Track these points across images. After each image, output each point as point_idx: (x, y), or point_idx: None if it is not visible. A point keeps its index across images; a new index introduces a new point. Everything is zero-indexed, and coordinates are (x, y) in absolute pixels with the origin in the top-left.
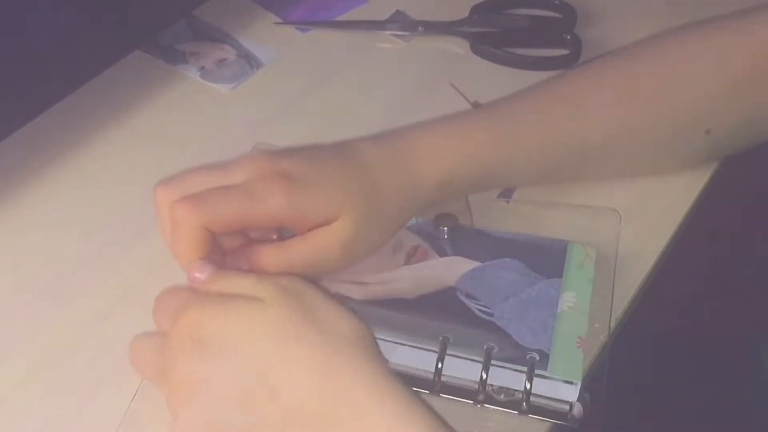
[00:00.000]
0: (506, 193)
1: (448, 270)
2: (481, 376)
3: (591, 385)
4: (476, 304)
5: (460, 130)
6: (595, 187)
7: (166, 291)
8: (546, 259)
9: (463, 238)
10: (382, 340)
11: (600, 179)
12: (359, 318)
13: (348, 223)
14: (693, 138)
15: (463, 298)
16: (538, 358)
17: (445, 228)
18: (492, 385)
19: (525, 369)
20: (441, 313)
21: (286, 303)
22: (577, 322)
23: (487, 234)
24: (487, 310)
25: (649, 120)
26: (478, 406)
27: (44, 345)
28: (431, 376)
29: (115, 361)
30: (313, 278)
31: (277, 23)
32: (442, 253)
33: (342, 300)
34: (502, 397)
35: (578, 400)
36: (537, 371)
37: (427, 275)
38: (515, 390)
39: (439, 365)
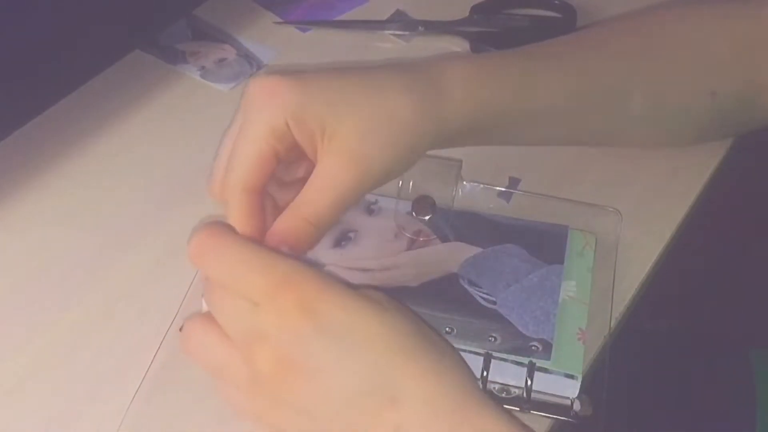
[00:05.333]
0: (506, 195)
1: (450, 256)
2: (482, 373)
3: (591, 385)
4: (479, 291)
5: (489, 57)
6: (595, 187)
7: (246, 248)
8: (546, 244)
9: (464, 224)
10: None
11: (624, 142)
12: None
13: (349, 135)
14: (700, 99)
15: (465, 285)
16: (540, 348)
17: (427, 217)
18: (494, 384)
19: (527, 360)
20: (444, 302)
21: (400, 311)
22: (578, 312)
23: (487, 219)
24: (489, 297)
25: (660, 75)
26: None
27: (44, 345)
28: None
29: (115, 361)
30: (313, 262)
31: (277, 23)
32: (444, 239)
33: None
34: (503, 394)
35: (579, 396)
36: (539, 363)
37: (429, 261)
38: (516, 387)
39: None
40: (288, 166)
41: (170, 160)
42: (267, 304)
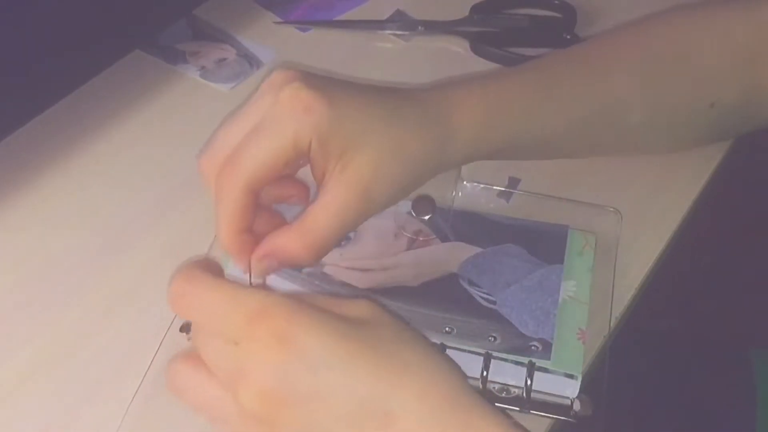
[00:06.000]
0: (506, 195)
1: (450, 256)
2: (482, 373)
3: (591, 385)
4: (478, 291)
5: (498, 88)
6: (595, 187)
7: (218, 288)
8: (546, 244)
9: (464, 223)
10: None
11: (624, 152)
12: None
13: (363, 166)
14: (700, 110)
15: (465, 284)
16: (540, 348)
17: (426, 217)
18: (493, 384)
19: (526, 360)
20: (444, 302)
21: (381, 323)
22: (578, 312)
23: (487, 219)
24: (489, 297)
25: (659, 88)
26: None
27: (44, 345)
28: None
29: (115, 361)
30: (314, 265)
31: (277, 23)
32: (444, 239)
33: (346, 288)
34: (503, 394)
35: (578, 396)
36: (538, 363)
37: (429, 261)
38: (516, 387)
39: None
40: None
41: (170, 160)
42: (245, 340)
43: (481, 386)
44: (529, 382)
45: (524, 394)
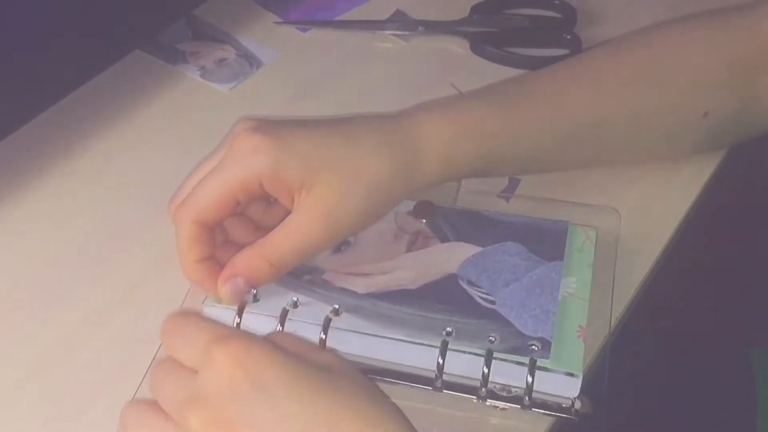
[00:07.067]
0: (506, 195)
1: (449, 256)
2: (483, 372)
3: (592, 384)
4: (478, 291)
5: (465, 108)
6: (595, 187)
7: (180, 317)
8: (546, 241)
9: (463, 221)
10: (385, 338)
11: (604, 165)
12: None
13: (326, 192)
14: (692, 120)
15: (464, 285)
16: (540, 346)
17: (424, 220)
18: (495, 383)
19: (527, 360)
20: (443, 304)
21: (345, 374)
22: (578, 309)
23: (487, 216)
24: (488, 297)
25: (649, 100)
26: (481, 401)
27: (44, 345)
28: (434, 373)
29: (115, 361)
30: (313, 269)
31: (277, 23)
32: (444, 239)
33: (345, 294)
34: (504, 393)
35: (579, 396)
36: (539, 362)
37: (428, 263)
38: (517, 387)
39: (440, 361)
40: (267, 208)
41: (170, 159)
42: (204, 365)
43: (481, 386)
44: (530, 380)
45: (525, 393)
